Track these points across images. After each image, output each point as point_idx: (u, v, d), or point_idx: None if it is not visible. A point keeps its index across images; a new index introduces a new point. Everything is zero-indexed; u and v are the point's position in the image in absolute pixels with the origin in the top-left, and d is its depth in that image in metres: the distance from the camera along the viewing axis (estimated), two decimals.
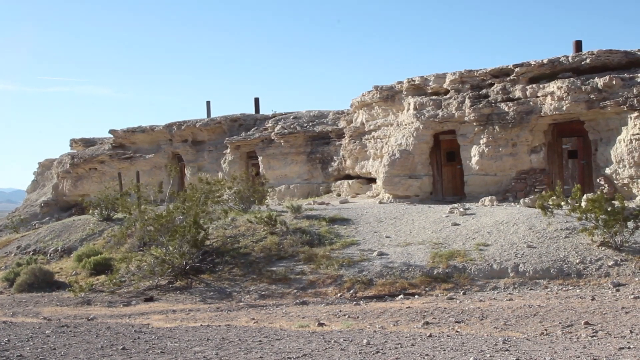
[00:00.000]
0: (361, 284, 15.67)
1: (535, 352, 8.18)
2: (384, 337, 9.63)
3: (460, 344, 8.93)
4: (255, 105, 38.93)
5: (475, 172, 24.43)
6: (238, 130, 35.45)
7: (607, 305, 11.88)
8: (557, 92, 22.37)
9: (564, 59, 23.13)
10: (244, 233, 20.02)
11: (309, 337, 9.80)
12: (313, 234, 19.18)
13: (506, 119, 23.53)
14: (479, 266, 15.66)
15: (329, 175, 31.63)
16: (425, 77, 26.50)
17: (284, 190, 32.18)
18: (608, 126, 22.03)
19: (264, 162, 33.21)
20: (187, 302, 15.84)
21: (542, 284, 14.74)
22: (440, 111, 25.20)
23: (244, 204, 23.66)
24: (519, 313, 11.70)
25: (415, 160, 25.74)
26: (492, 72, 24.69)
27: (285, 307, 14.45)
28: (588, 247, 15.95)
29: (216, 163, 35.34)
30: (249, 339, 9.77)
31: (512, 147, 23.68)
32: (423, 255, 16.62)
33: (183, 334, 10.54)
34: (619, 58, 22.37)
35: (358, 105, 29.72)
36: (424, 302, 13.86)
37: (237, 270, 17.57)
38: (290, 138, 32.08)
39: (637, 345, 8.51)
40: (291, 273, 16.76)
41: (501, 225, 18.02)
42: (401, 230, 19.00)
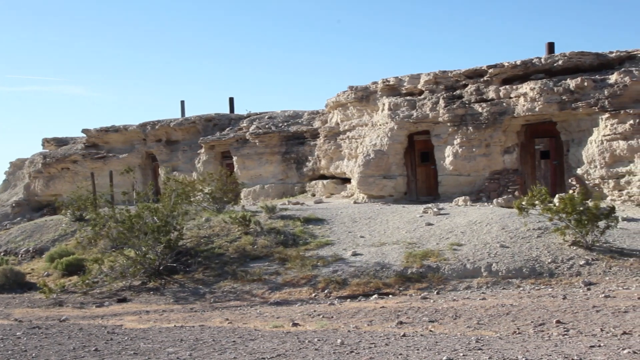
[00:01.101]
0: (335, 284, 15.68)
1: (508, 350, 8.25)
2: (358, 337, 9.64)
3: (433, 343, 8.97)
4: (230, 105, 38.82)
5: (449, 172, 24.58)
6: (212, 130, 35.31)
7: (578, 304, 12.01)
8: (529, 93, 22.59)
9: (536, 60, 23.35)
10: (218, 233, 19.95)
11: (283, 337, 9.79)
12: (287, 234, 19.16)
13: (480, 119, 23.70)
14: (453, 266, 15.75)
15: (304, 175, 31.62)
16: (399, 78, 26.60)
17: (259, 190, 32.11)
18: (580, 127, 22.28)
19: (238, 162, 33.11)
20: (160, 303, 15.74)
21: (514, 283, 14.86)
22: (415, 112, 25.31)
23: (218, 204, 23.58)
24: (492, 312, 11.79)
25: (390, 160, 25.83)
26: (466, 73, 24.86)
27: (260, 308, 14.42)
28: (560, 247, 16.11)
29: (190, 163, 35.16)
30: (222, 340, 9.73)
31: (485, 148, 23.85)
32: (397, 255, 16.68)
33: (156, 334, 10.47)
34: (591, 60, 22.64)
35: (333, 105, 29.75)
36: (398, 301, 13.90)
37: (211, 270, 17.50)
38: (265, 138, 32.02)
39: (608, 343, 8.61)
40: (265, 273, 16.73)
41: (474, 225, 18.14)
42: (375, 230, 19.05)
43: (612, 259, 15.27)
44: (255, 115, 35.31)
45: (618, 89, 21.02)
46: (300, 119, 33.50)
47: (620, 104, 20.98)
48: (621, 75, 21.16)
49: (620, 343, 8.59)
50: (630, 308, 11.20)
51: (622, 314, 10.84)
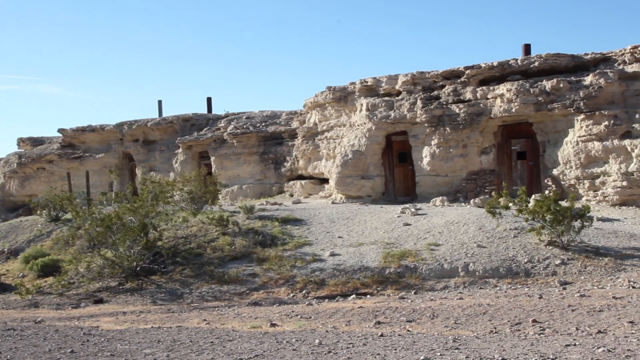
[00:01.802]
0: (314, 284, 15.69)
1: (485, 350, 8.30)
2: (336, 337, 9.65)
3: (411, 343, 9.00)
4: (208, 105, 38.71)
5: (427, 172, 24.70)
6: (190, 130, 35.18)
7: (554, 303, 12.11)
8: (506, 94, 22.76)
9: (513, 61, 23.54)
10: (195, 234, 19.87)
11: (261, 338, 9.77)
12: (266, 234, 19.13)
13: (457, 120, 23.84)
14: (430, 266, 15.82)
15: (282, 175, 31.60)
16: (377, 79, 26.68)
17: (237, 190, 32.04)
18: (555, 128, 22.49)
19: (216, 162, 33.01)
20: (137, 304, 15.64)
21: (491, 283, 14.96)
22: (393, 112, 25.40)
23: (196, 204, 23.47)
24: (469, 312, 11.86)
25: (368, 160, 25.89)
26: (443, 74, 24.99)
27: (238, 308, 14.38)
28: (536, 247, 16.25)
29: (168, 163, 35.01)
30: (200, 341, 9.70)
31: (462, 148, 24.00)
32: (375, 255, 16.72)
33: (133, 336, 10.41)
34: (567, 61, 22.86)
35: (311, 105, 29.76)
36: (376, 301, 13.94)
37: (189, 271, 17.42)
38: (243, 138, 31.96)
39: (583, 342, 8.69)
40: (243, 274, 16.70)
41: (452, 225, 18.23)
42: (353, 231, 19.08)
43: (587, 259, 15.43)
44: (233, 115, 35.23)
45: (593, 90, 21.24)
46: (279, 119, 33.48)
47: (595, 106, 21.22)
48: (596, 77, 21.39)
49: (595, 342, 8.68)
50: (605, 307, 11.32)
51: (597, 313, 10.96)
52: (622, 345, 8.36)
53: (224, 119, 34.78)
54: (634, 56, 21.51)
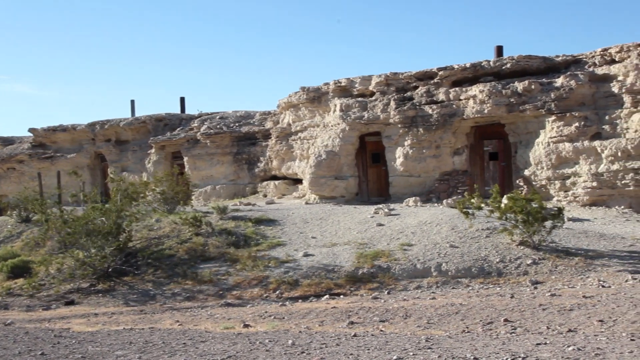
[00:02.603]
0: (287, 284, 15.67)
1: (457, 349, 8.35)
2: (309, 338, 9.65)
3: (384, 342, 9.03)
4: (181, 105, 38.52)
5: (400, 173, 24.81)
6: (163, 130, 34.99)
7: (525, 302, 12.22)
8: (479, 95, 22.95)
9: (485, 63, 23.74)
10: (168, 234, 19.75)
11: (234, 339, 9.74)
12: (239, 234, 19.07)
13: (430, 121, 23.97)
14: (403, 266, 15.88)
15: (256, 176, 31.54)
16: (351, 79, 26.74)
17: (210, 191, 31.92)
18: (527, 129, 22.72)
19: (189, 162, 32.86)
20: (109, 305, 15.51)
21: (464, 282, 15.05)
22: (366, 113, 25.48)
23: (169, 204, 23.34)
24: (442, 311, 11.92)
25: (341, 161, 25.94)
26: (416, 75, 25.12)
27: (211, 309, 14.32)
28: (508, 247, 16.38)
29: (140, 163, 34.78)
30: (173, 342, 9.64)
31: (435, 149, 24.14)
32: (348, 255, 16.74)
33: (105, 337, 10.32)
34: (538, 63, 23.11)
35: (285, 106, 29.75)
36: (349, 302, 13.96)
37: (162, 272, 17.31)
38: (216, 138, 31.85)
39: (554, 340, 8.78)
40: (216, 274, 16.63)
41: (425, 225, 18.32)
42: (327, 231, 19.10)
43: (558, 259, 15.59)
44: (207, 115, 35.11)
45: (564, 92, 21.50)
46: (252, 120, 33.42)
47: (566, 107, 21.48)
48: (567, 79, 21.65)
49: (566, 340, 8.78)
50: (576, 306, 11.45)
51: (568, 312, 11.08)
52: (592, 343, 8.47)
53: (197, 119, 34.64)
54: (604, 58, 21.80)
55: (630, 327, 9.69)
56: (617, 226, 18.73)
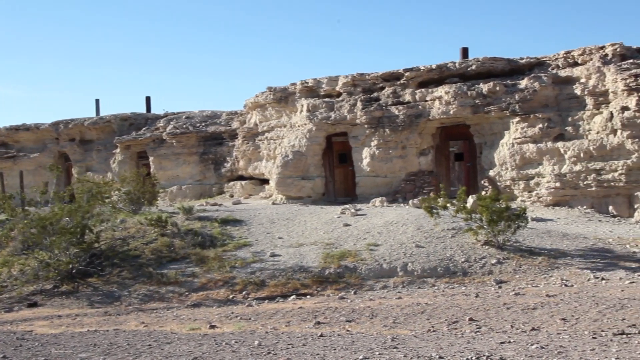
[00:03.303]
0: (253, 285, 15.62)
1: (422, 348, 8.41)
2: (276, 338, 9.64)
3: (350, 342, 9.06)
4: (147, 104, 38.22)
5: (366, 173, 24.91)
6: (128, 129, 34.69)
7: (490, 301, 12.35)
8: (444, 96, 23.14)
9: (451, 64, 23.95)
10: (133, 235, 19.56)
11: (200, 340, 9.69)
12: (205, 235, 18.97)
13: (396, 122, 24.10)
14: (370, 266, 15.94)
15: (222, 176, 31.42)
16: (318, 80, 26.78)
17: (176, 191, 31.71)
18: (492, 130, 22.98)
19: (155, 162, 32.62)
20: (73, 307, 15.31)
21: (429, 282, 15.15)
22: (333, 113, 25.54)
23: (134, 205, 23.13)
24: (408, 311, 11.99)
25: (308, 161, 25.96)
26: (383, 76, 25.25)
27: (176, 310, 14.23)
28: (473, 247, 16.53)
29: (105, 163, 34.44)
30: (138, 344, 9.56)
31: (401, 150, 24.29)
32: (315, 255, 16.76)
33: (69, 340, 10.19)
34: (503, 65, 23.38)
35: (252, 106, 29.68)
36: (316, 302, 13.97)
37: (127, 273, 17.13)
38: (182, 138, 31.66)
39: (517, 339, 8.89)
40: (182, 275, 16.52)
41: (391, 225, 18.41)
42: (294, 231, 19.09)
43: (522, 258, 15.78)
44: (173, 115, 34.89)
45: (528, 93, 21.78)
46: (219, 120, 33.30)
47: (530, 108, 21.76)
48: (531, 81, 21.93)
49: (529, 339, 8.89)
50: (539, 305, 11.60)
51: (531, 310, 11.22)
52: (555, 341, 8.59)
53: (163, 118, 34.41)
54: (567, 61, 22.13)
55: (592, 325, 9.85)
56: (579, 226, 19.03)
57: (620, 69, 20.15)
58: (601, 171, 20.45)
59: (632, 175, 19.92)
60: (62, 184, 34.17)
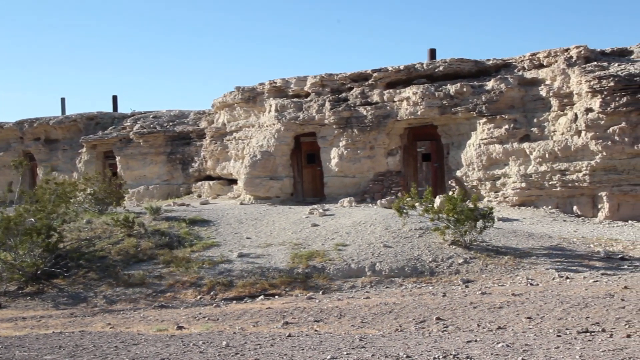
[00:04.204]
0: (221, 285, 15.56)
1: (390, 348, 8.45)
2: (244, 339, 9.62)
3: (318, 342, 9.07)
4: (113, 104, 37.89)
5: (335, 174, 24.95)
6: (95, 129, 34.35)
7: (457, 301, 12.44)
8: (412, 97, 23.27)
9: (419, 65, 24.09)
10: (100, 235, 19.36)
11: (167, 341, 9.63)
12: (172, 235, 18.85)
13: (365, 122, 24.18)
14: (338, 266, 15.97)
15: (190, 176, 31.24)
16: (286, 80, 26.76)
17: (143, 191, 31.46)
18: (459, 131, 23.16)
19: (122, 162, 32.32)
20: (38, 309, 15.11)
21: (397, 282, 15.23)
22: (301, 113, 25.54)
23: (101, 205, 22.90)
24: (375, 311, 12.03)
25: (277, 161, 25.93)
26: (351, 77, 25.31)
27: (143, 311, 14.12)
28: (440, 246, 16.65)
29: (71, 163, 34.06)
30: (104, 345, 9.46)
31: (370, 150, 24.37)
32: (283, 256, 16.74)
33: (33, 342, 10.05)
34: (470, 67, 23.59)
35: (220, 105, 29.55)
36: (284, 302, 13.96)
37: (93, 274, 16.95)
38: (149, 138, 31.42)
39: (484, 338, 8.98)
40: (149, 276, 16.39)
41: (359, 225, 18.46)
42: (262, 232, 19.06)
43: (488, 258, 15.93)
44: (140, 114, 34.62)
45: (495, 95, 22.00)
46: (187, 119, 33.11)
47: (496, 110, 21.98)
48: (497, 82, 22.16)
49: (495, 337, 8.99)
50: (505, 304, 11.72)
51: (497, 309, 11.33)
52: (520, 340, 8.69)
53: (130, 118, 34.13)
54: (533, 63, 22.41)
55: (557, 324, 9.99)
56: (544, 226, 19.28)
57: (585, 71, 20.46)
58: (566, 172, 20.74)
59: (596, 176, 20.23)
60: (27, 183, 33.74)
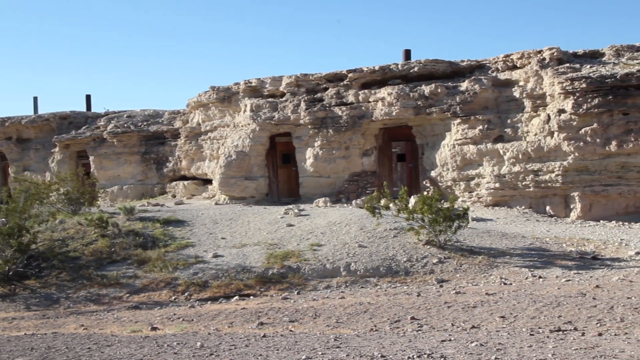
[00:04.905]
0: (196, 286, 15.50)
1: (365, 347, 8.47)
2: (218, 339, 9.59)
3: (293, 343, 9.07)
4: (87, 103, 37.55)
5: (310, 174, 24.95)
6: (68, 128, 34.03)
7: (431, 300, 12.51)
8: (387, 98, 23.35)
9: (394, 66, 24.18)
10: (73, 236, 19.18)
11: (141, 342, 9.56)
12: (147, 236, 18.72)
13: (340, 122, 24.21)
14: (313, 266, 15.98)
15: (164, 176, 31.07)
16: (262, 80, 26.71)
17: (117, 191, 31.23)
18: (433, 131, 23.28)
19: (95, 162, 32.06)
20: (9, 310, 14.93)
21: (372, 282, 15.27)
22: (277, 113, 25.51)
23: (74, 205, 22.68)
24: (350, 311, 12.06)
25: (252, 161, 25.88)
26: (326, 77, 25.33)
27: (117, 312, 14.02)
28: (415, 246, 16.72)
29: (44, 162, 33.73)
30: (77, 347, 9.38)
31: (345, 150, 24.41)
32: (258, 256, 16.72)
33: (4, 344, 9.93)
34: (444, 67, 23.72)
35: (194, 105, 29.42)
36: (259, 302, 13.94)
37: (66, 275, 16.79)
38: (123, 137, 31.19)
39: (458, 337, 9.04)
40: (123, 277, 16.27)
41: (334, 225, 18.49)
42: (237, 232, 19.01)
43: (462, 257, 16.04)
44: (114, 113, 34.36)
45: (469, 96, 22.15)
46: (161, 119, 32.93)
47: (470, 110, 22.14)
48: (472, 83, 22.31)
49: (469, 336, 9.05)
50: (479, 303, 11.80)
51: (471, 309, 11.41)
52: (494, 339, 8.76)
53: (103, 117, 33.87)
54: (506, 64, 22.60)
55: (530, 323, 10.08)
56: (518, 225, 19.46)
57: (557, 72, 20.67)
58: (539, 172, 20.94)
59: (568, 176, 20.45)
60: None
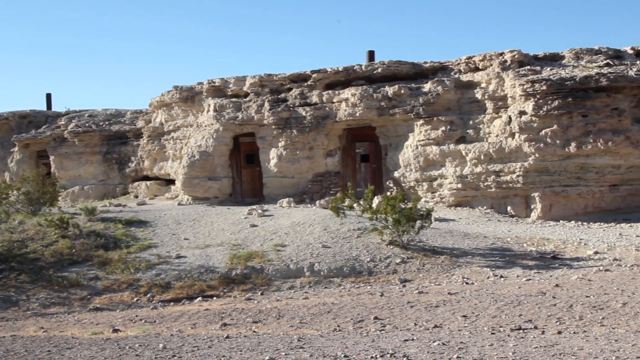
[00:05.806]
0: (158, 287, 15.37)
1: (328, 347, 8.49)
2: (181, 341, 9.53)
3: (256, 343, 9.05)
4: (47, 102, 37.02)
5: (274, 174, 24.93)
6: (27, 127, 33.51)
7: (394, 300, 12.59)
8: (351, 98, 23.43)
9: (357, 67, 24.27)
10: (32, 237, 18.87)
11: (102, 345, 9.46)
12: (108, 237, 18.52)
13: (304, 123, 24.23)
14: (277, 266, 15.96)
15: (127, 176, 30.77)
16: (225, 79, 26.61)
17: (78, 191, 30.83)
18: (397, 132, 23.43)
19: (56, 161, 31.61)
20: None
21: (336, 282, 15.30)
22: (240, 114, 25.43)
23: (33, 206, 22.33)
24: (314, 311, 12.07)
25: (215, 162, 25.76)
26: (290, 77, 25.33)
27: (78, 314, 13.84)
28: (378, 246, 16.80)
29: (2, 162, 33.21)
30: (36, 350, 9.24)
31: (309, 151, 24.43)
32: (222, 256, 16.64)
33: None
34: (407, 69, 23.88)
35: (157, 105, 29.19)
36: (222, 303, 13.88)
37: (25, 276, 16.51)
38: (85, 137, 30.82)
39: (421, 336, 9.11)
40: (84, 278, 16.06)
41: (298, 226, 18.49)
42: (200, 232, 18.90)
43: (425, 257, 16.16)
44: (75, 113, 33.92)
45: (432, 97, 22.33)
46: (123, 118, 32.59)
47: (433, 111, 22.32)
48: (434, 85, 22.50)
49: (432, 336, 9.13)
50: (441, 303, 11.91)
51: (434, 308, 11.51)
52: (456, 338, 8.85)
53: (64, 116, 33.40)
54: (469, 66, 22.83)
55: (491, 322, 10.21)
56: (480, 226, 19.67)
57: (518, 74, 20.95)
58: (500, 173, 21.20)
59: (529, 177, 20.74)
60: None
